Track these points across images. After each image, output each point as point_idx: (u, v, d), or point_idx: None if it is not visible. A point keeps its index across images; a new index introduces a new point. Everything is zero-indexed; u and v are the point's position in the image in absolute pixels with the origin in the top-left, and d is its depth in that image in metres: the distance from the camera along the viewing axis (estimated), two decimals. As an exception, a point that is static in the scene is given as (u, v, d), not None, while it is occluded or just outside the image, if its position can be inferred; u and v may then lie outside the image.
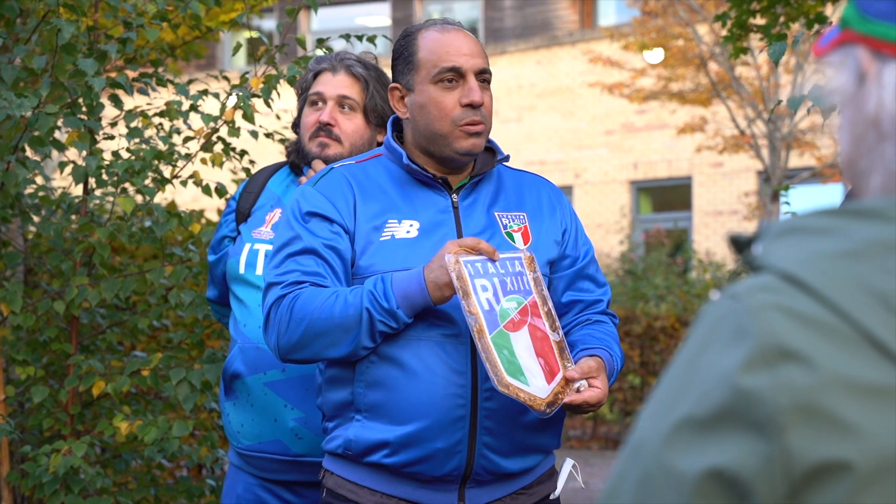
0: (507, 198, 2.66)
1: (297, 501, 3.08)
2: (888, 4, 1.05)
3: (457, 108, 2.53)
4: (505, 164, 2.74)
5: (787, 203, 6.63)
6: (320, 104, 3.12)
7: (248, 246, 3.12)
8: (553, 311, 2.51)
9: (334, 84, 3.13)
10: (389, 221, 2.53)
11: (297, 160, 3.20)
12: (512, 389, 2.34)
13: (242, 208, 3.22)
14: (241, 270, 3.10)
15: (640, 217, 16.64)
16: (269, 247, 3.03)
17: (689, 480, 0.95)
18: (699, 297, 11.31)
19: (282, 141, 4.28)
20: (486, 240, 2.53)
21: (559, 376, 2.44)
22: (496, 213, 2.61)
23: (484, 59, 2.57)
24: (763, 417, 0.93)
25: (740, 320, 0.97)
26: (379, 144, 3.10)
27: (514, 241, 2.58)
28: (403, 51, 2.60)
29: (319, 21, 18.86)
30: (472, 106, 2.52)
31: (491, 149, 2.70)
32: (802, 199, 7.08)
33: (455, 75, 2.53)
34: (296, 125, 3.25)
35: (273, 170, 3.29)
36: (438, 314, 2.47)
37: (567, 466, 2.61)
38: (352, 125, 3.12)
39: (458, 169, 2.62)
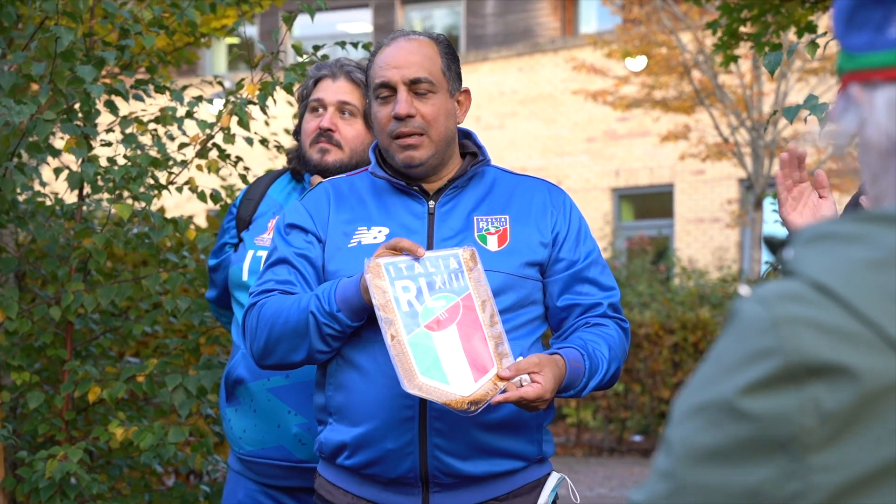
0: (492, 201, 2.66)
1: (301, 508, 3.09)
2: (864, 35, 1.09)
3: (390, 121, 2.58)
4: (510, 169, 2.78)
5: (775, 211, 6.65)
6: (321, 110, 3.13)
7: (250, 253, 3.12)
8: (493, 306, 2.48)
9: (334, 90, 3.14)
10: (359, 228, 2.60)
11: (299, 167, 3.21)
12: (424, 389, 2.33)
13: (243, 216, 3.23)
14: (245, 277, 3.10)
15: (622, 224, 16.69)
16: None
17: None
18: (682, 304, 11.35)
19: (277, 147, 4.28)
20: (456, 244, 2.56)
21: (490, 373, 2.40)
22: (475, 217, 2.62)
23: (420, 68, 2.58)
24: (787, 437, 0.95)
25: (765, 330, 0.98)
26: None
27: (485, 244, 2.58)
28: (369, 66, 2.68)
29: (301, 28, 18.84)
30: (398, 118, 2.56)
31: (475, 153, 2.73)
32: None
33: (388, 90, 2.58)
34: (297, 132, 3.26)
35: (273, 177, 3.29)
36: None
37: (552, 480, 2.58)
38: (352, 131, 3.13)
39: (427, 176, 2.64)
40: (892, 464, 0.93)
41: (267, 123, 4.78)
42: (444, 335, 2.41)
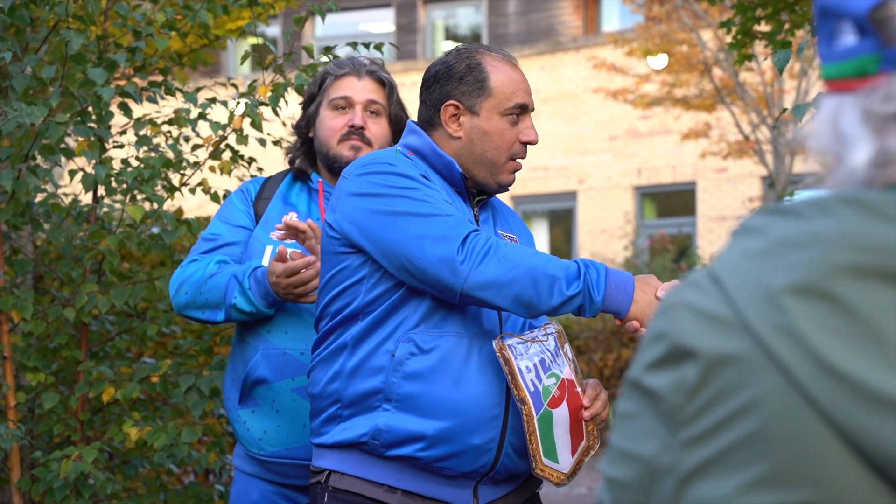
0: (502, 220, 2.79)
1: (316, 507, 3.09)
2: (823, 46, 1.12)
3: (516, 143, 2.66)
4: None
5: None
6: (347, 108, 3.14)
7: (269, 249, 3.12)
8: (581, 379, 2.64)
9: (361, 89, 3.15)
10: None
11: (305, 166, 3.20)
12: (546, 472, 2.52)
13: (259, 211, 3.21)
14: None
15: (645, 223, 16.65)
16: (291, 250, 3.03)
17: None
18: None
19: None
20: None
21: (581, 445, 2.58)
22: (500, 232, 2.73)
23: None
24: (667, 412, 1.05)
25: (661, 314, 1.09)
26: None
27: None
28: (469, 72, 2.65)
29: (324, 28, 18.89)
30: (529, 143, 2.68)
31: None
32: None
33: (521, 111, 2.67)
34: (301, 127, 3.24)
35: (282, 177, 3.29)
36: (472, 312, 2.54)
37: None
38: (380, 129, 3.15)
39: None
40: (735, 444, 0.99)
41: (284, 124, 4.81)
42: (559, 412, 2.55)
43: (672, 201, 16.71)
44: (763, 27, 5.18)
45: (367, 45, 3.98)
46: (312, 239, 2.96)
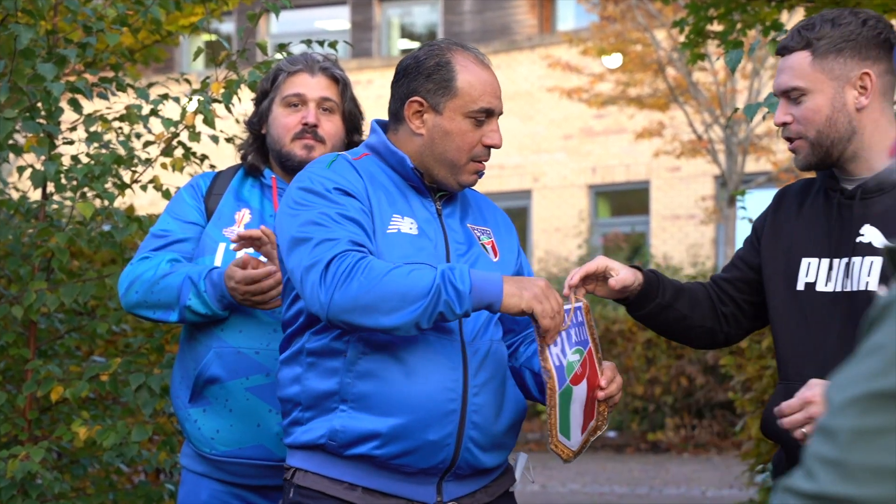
0: (473, 213, 2.77)
1: (269, 506, 3.07)
2: None
3: (479, 145, 2.64)
4: None
5: (744, 208, 6.69)
6: (300, 106, 3.12)
7: (223, 245, 3.09)
8: (601, 355, 2.65)
9: (315, 86, 3.13)
10: (394, 215, 2.61)
11: (257, 162, 3.18)
12: (559, 448, 2.53)
13: (211, 207, 3.19)
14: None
15: (599, 221, 16.73)
16: (245, 249, 3.02)
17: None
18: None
19: (243, 146, 4.26)
20: (466, 251, 2.65)
21: (591, 424, 2.58)
22: (469, 226, 2.72)
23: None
24: None
25: None
26: (349, 146, 3.13)
27: (488, 253, 2.69)
28: (436, 70, 2.63)
29: (279, 25, 18.81)
30: (492, 146, 2.67)
31: None
32: (759, 204, 7.14)
33: (486, 115, 2.64)
34: (253, 123, 3.22)
35: (234, 172, 3.27)
36: None
37: (522, 461, 2.72)
38: (333, 126, 3.13)
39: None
40: None
41: (237, 121, 4.78)
42: (579, 389, 2.54)
43: (626, 200, 16.80)
44: (716, 27, 5.22)
45: (321, 43, 3.96)
46: (268, 244, 2.95)
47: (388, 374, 2.51)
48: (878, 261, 2.43)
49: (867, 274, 2.44)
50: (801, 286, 2.55)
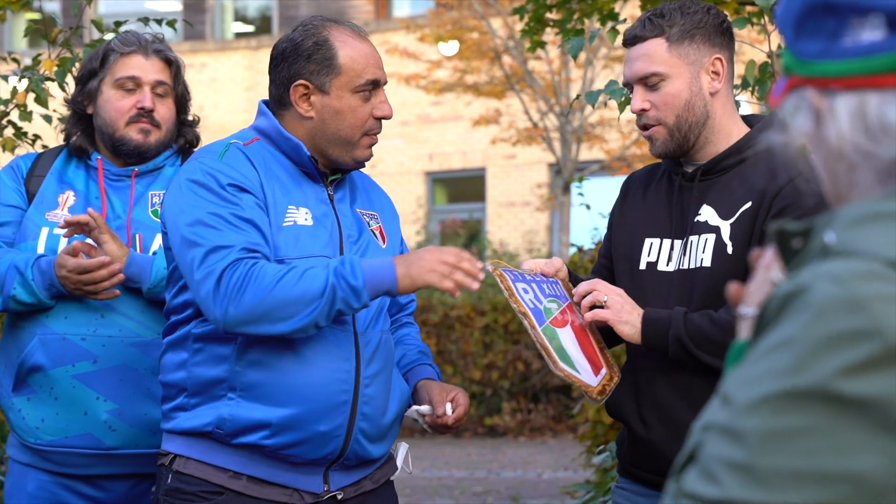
0: (361, 197, 2.77)
1: (100, 495, 2.99)
2: (817, 43, 1.09)
3: (370, 119, 2.61)
4: None
5: (581, 194, 6.82)
6: (134, 89, 3.04)
7: (45, 230, 3.00)
8: (600, 339, 2.64)
9: (150, 69, 3.06)
10: (289, 207, 2.57)
11: (84, 143, 3.08)
12: (566, 374, 2.48)
13: (32, 190, 3.08)
14: (41, 252, 2.98)
15: (436, 208, 16.83)
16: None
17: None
18: (493, 286, 11.51)
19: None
20: (357, 238, 2.64)
21: (603, 371, 2.56)
22: (359, 211, 2.72)
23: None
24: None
25: (852, 311, 0.97)
26: (179, 126, 3.09)
27: (377, 239, 2.69)
28: (316, 50, 2.58)
29: (108, 4, 18.29)
30: (384, 118, 2.64)
31: None
32: (593, 191, 7.34)
33: (373, 87, 2.62)
34: (77, 103, 3.11)
35: (56, 153, 3.16)
36: None
37: (402, 450, 2.76)
38: (167, 111, 3.08)
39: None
40: None
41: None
42: (565, 332, 2.54)
43: (462, 187, 16.94)
44: (554, 15, 5.28)
45: (159, 22, 3.87)
46: (96, 229, 2.87)
47: (279, 364, 2.50)
48: (711, 238, 2.52)
49: (702, 251, 2.52)
50: (643, 266, 2.63)
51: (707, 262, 2.50)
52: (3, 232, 3.01)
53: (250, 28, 19.51)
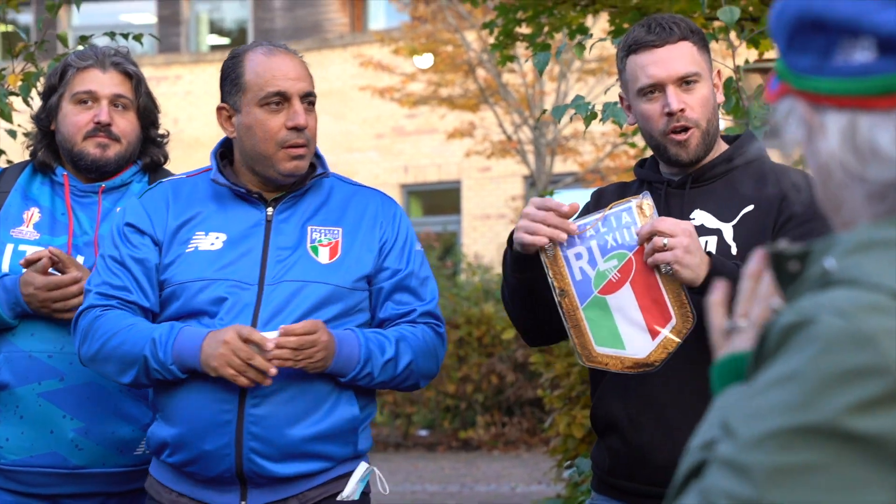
0: (327, 212, 2.75)
1: (65, 515, 2.97)
2: (808, 59, 1.07)
3: (282, 130, 2.64)
4: (345, 178, 2.87)
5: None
6: (91, 103, 3.02)
7: (10, 247, 2.97)
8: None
9: (106, 82, 3.03)
10: (196, 233, 2.68)
11: (48, 159, 3.06)
12: (602, 360, 2.41)
13: None
14: (5, 270, 2.95)
15: (411, 220, 16.81)
16: (35, 248, 2.91)
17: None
18: (468, 299, 11.51)
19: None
20: (287, 256, 2.66)
21: (669, 326, 2.40)
22: (309, 227, 2.71)
23: (309, 83, 2.71)
24: None
25: (859, 346, 0.96)
26: (146, 141, 3.10)
27: (317, 256, 2.68)
28: (230, 72, 2.70)
29: (81, 16, 18.24)
30: (297, 129, 2.63)
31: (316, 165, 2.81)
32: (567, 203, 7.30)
33: (281, 99, 2.64)
34: (41, 119, 3.09)
35: (20, 168, 3.14)
36: (212, 320, 2.63)
37: (360, 470, 2.71)
38: (128, 124, 3.05)
39: (284, 186, 2.72)
40: None
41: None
42: (619, 297, 2.41)
43: (437, 199, 16.95)
44: (524, 29, 5.30)
45: (125, 36, 3.85)
46: (59, 263, 2.88)
47: (174, 386, 2.62)
48: (713, 239, 2.52)
49: None
50: None
51: None
52: None
53: (226, 40, 19.49)
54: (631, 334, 2.43)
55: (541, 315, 2.60)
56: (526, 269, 2.52)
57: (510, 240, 2.53)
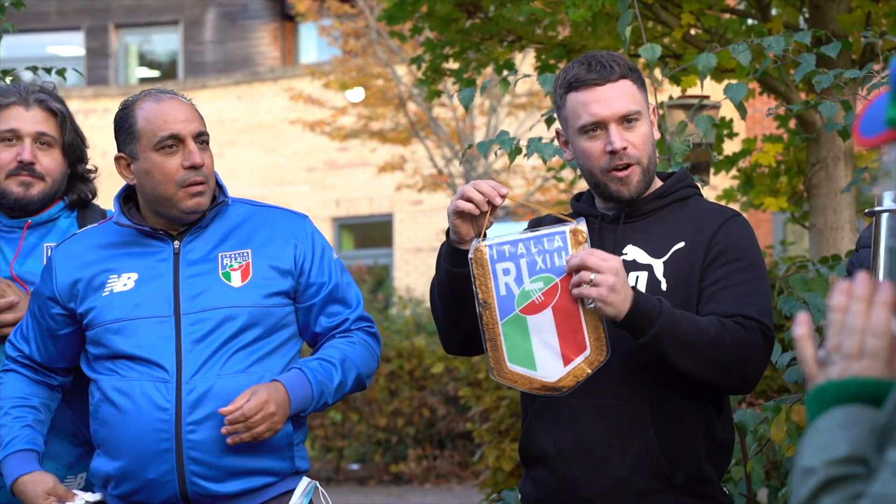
0: (235, 237, 2.80)
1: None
2: None
3: (179, 171, 2.72)
4: (249, 201, 2.93)
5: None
6: (14, 141, 2.98)
7: None
8: None
9: (30, 120, 3.01)
10: (110, 277, 2.77)
11: None
12: (510, 377, 2.44)
13: None
14: None
15: (343, 254, 16.77)
16: None
17: None
18: (399, 332, 11.49)
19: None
20: (201, 283, 2.75)
21: (583, 356, 2.43)
22: (219, 254, 2.77)
23: (200, 123, 2.80)
24: None
25: None
26: (72, 178, 3.11)
27: (229, 281, 2.74)
28: (123, 122, 2.77)
29: (7, 48, 18.02)
30: (194, 167, 2.72)
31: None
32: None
33: (175, 141, 2.72)
34: None
35: None
36: (148, 361, 2.68)
37: (303, 485, 2.77)
38: (52, 161, 3.04)
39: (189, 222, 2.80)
40: None
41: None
42: (539, 319, 2.43)
43: (369, 232, 16.93)
44: (452, 65, 5.34)
45: (48, 70, 3.82)
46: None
47: (112, 420, 2.69)
48: (644, 275, 2.54)
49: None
50: None
51: None
52: None
53: (155, 73, 19.36)
54: (544, 357, 2.45)
55: (463, 319, 2.58)
56: (458, 264, 2.52)
57: (448, 231, 2.56)
